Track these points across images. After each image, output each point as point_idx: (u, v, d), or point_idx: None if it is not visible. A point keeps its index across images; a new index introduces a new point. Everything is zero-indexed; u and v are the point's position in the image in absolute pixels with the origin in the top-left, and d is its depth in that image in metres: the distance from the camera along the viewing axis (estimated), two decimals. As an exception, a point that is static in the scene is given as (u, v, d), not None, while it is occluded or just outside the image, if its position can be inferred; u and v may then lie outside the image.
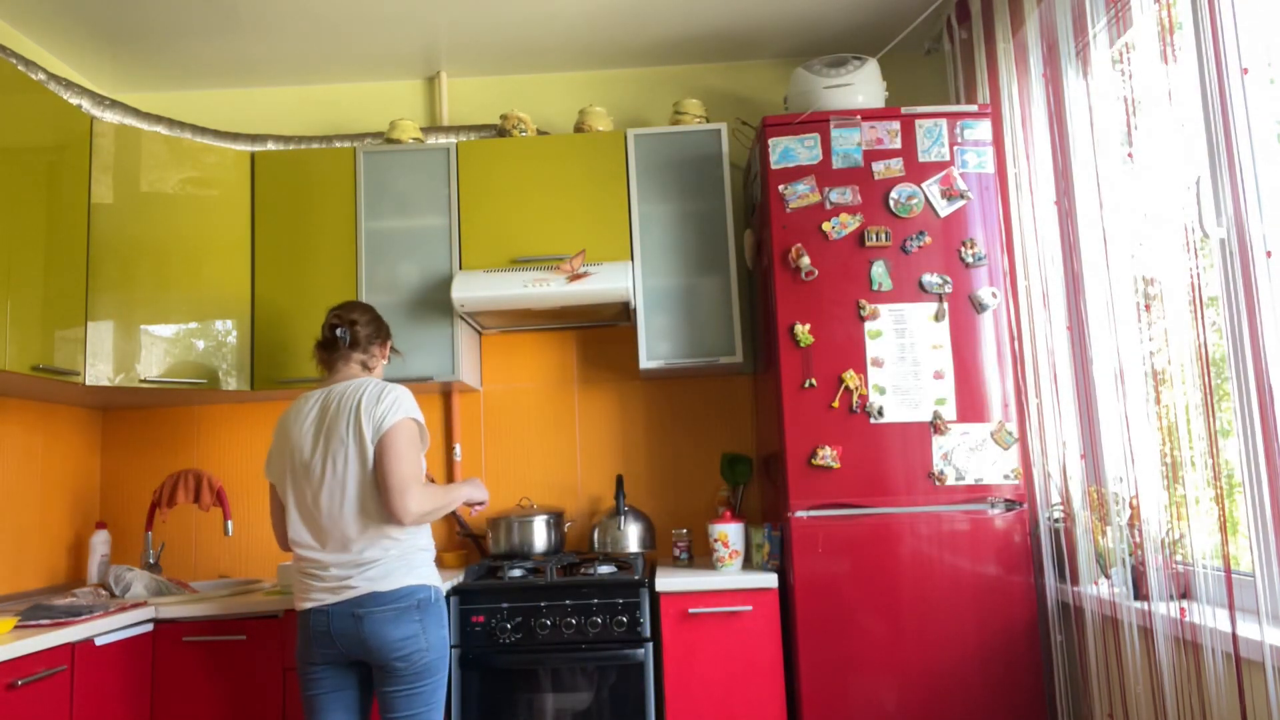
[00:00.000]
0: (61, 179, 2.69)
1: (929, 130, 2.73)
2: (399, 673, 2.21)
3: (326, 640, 2.23)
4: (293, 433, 2.32)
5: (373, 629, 2.19)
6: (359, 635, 2.20)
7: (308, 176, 3.16)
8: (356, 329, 2.40)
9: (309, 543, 2.26)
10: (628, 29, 3.30)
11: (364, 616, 2.19)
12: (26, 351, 2.48)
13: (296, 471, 2.29)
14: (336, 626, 2.21)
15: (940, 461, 2.60)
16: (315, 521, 2.25)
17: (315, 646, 2.24)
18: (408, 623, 2.21)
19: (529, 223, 3.11)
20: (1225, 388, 1.89)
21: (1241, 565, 1.95)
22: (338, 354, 2.39)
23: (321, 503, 2.24)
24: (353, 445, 2.24)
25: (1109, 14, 2.30)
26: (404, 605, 2.21)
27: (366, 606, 2.20)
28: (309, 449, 2.28)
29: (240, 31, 3.19)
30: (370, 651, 2.20)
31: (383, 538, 2.23)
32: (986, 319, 2.66)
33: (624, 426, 3.38)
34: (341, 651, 2.23)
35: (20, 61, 2.78)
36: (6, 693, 2.05)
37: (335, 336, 2.39)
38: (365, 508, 2.23)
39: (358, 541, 2.22)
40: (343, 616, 2.20)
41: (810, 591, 2.58)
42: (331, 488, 2.23)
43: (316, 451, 2.27)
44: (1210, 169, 1.89)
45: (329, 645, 2.23)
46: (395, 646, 2.20)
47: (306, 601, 2.25)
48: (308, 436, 2.29)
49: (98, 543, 3.10)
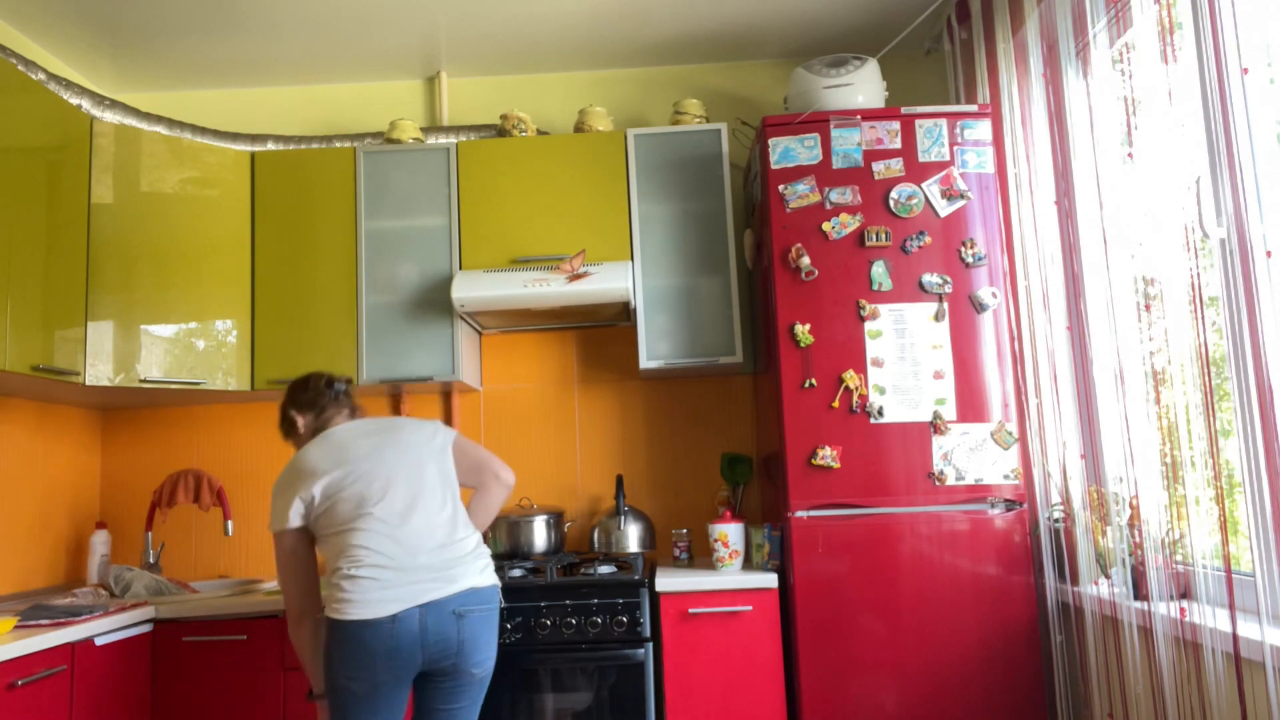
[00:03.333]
0: (61, 179, 2.69)
1: (929, 130, 2.73)
2: (473, 682, 2.10)
3: (410, 650, 2.00)
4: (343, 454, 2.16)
5: (473, 632, 2.05)
6: (456, 640, 2.03)
7: (308, 176, 3.16)
8: (350, 387, 2.43)
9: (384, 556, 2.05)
10: (628, 29, 3.30)
11: (465, 616, 2.04)
12: (26, 351, 2.48)
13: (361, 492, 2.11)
14: (433, 629, 2.00)
15: (940, 461, 2.60)
16: (393, 531, 2.08)
17: (393, 659, 1.99)
18: (494, 628, 2.12)
19: (529, 223, 3.11)
20: (1225, 388, 1.89)
21: (1241, 565, 1.96)
22: (336, 406, 2.36)
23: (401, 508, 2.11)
24: (431, 443, 2.22)
25: (1109, 14, 2.30)
26: (493, 606, 2.13)
27: (469, 605, 2.05)
28: (375, 464, 2.14)
29: (240, 31, 3.19)
30: (459, 658, 2.05)
31: (469, 526, 2.19)
32: (986, 319, 2.65)
33: (624, 426, 3.38)
34: (421, 662, 2.03)
35: (20, 61, 2.78)
36: (6, 693, 2.05)
37: (341, 389, 2.37)
38: (454, 502, 2.20)
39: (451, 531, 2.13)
40: (441, 617, 2.02)
41: (810, 591, 2.58)
42: (418, 489, 2.14)
43: (387, 463, 2.15)
44: (1210, 169, 1.89)
45: (411, 656, 2.00)
46: (485, 653, 2.09)
47: (381, 605, 2.00)
48: (370, 454, 2.16)
49: (98, 543, 3.10)
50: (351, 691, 2.00)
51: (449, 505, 2.19)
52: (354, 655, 1.99)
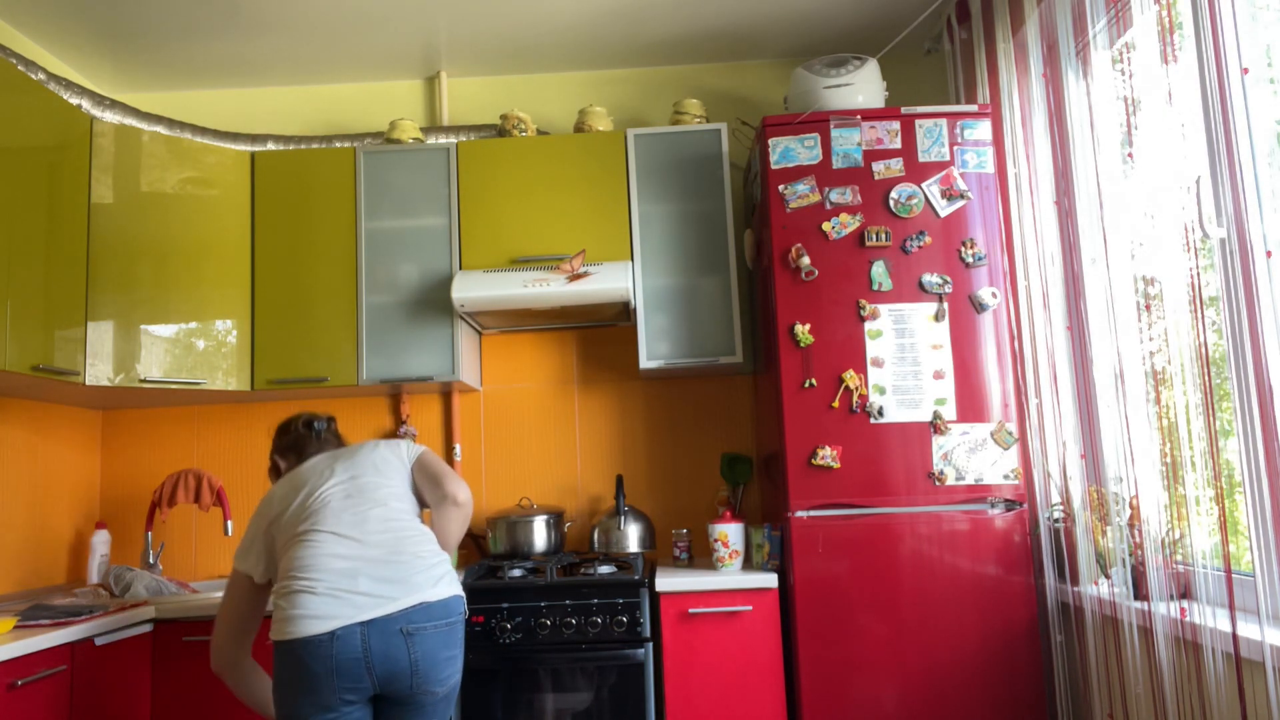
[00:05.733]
0: (61, 179, 2.69)
1: (929, 130, 2.73)
2: (436, 700, 1.98)
3: (355, 671, 1.87)
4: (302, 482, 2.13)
5: (427, 650, 1.92)
6: (408, 660, 1.90)
7: (308, 176, 3.16)
8: (333, 425, 2.44)
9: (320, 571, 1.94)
10: (628, 29, 3.30)
11: (416, 634, 1.91)
12: (26, 351, 2.48)
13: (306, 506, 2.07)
14: (378, 650, 1.87)
15: (940, 461, 2.60)
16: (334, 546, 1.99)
17: (339, 681, 1.86)
18: (455, 643, 1.99)
19: (529, 223, 3.11)
20: (1225, 388, 1.89)
21: (1241, 565, 1.96)
22: (318, 445, 2.36)
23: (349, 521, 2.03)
24: (390, 460, 2.19)
25: (1109, 14, 2.30)
26: (454, 620, 1.99)
27: (419, 621, 1.92)
28: (328, 481, 2.11)
29: (240, 31, 3.19)
30: (414, 679, 1.92)
31: (429, 540, 2.08)
32: (986, 319, 2.66)
33: (624, 426, 3.38)
34: (372, 685, 1.90)
35: (20, 61, 2.78)
36: (6, 693, 2.05)
37: (321, 428, 2.37)
38: (407, 516, 2.12)
39: (399, 543, 2.02)
40: (386, 636, 1.88)
41: (810, 591, 2.58)
42: (368, 504, 2.07)
43: (339, 480, 2.11)
44: (1210, 169, 1.89)
45: (357, 678, 1.87)
46: (447, 670, 1.97)
47: (318, 622, 1.87)
48: (324, 474, 2.13)
49: (98, 543, 3.10)
50: (302, 718, 1.89)
51: (403, 518, 2.09)
52: (298, 677, 1.87)
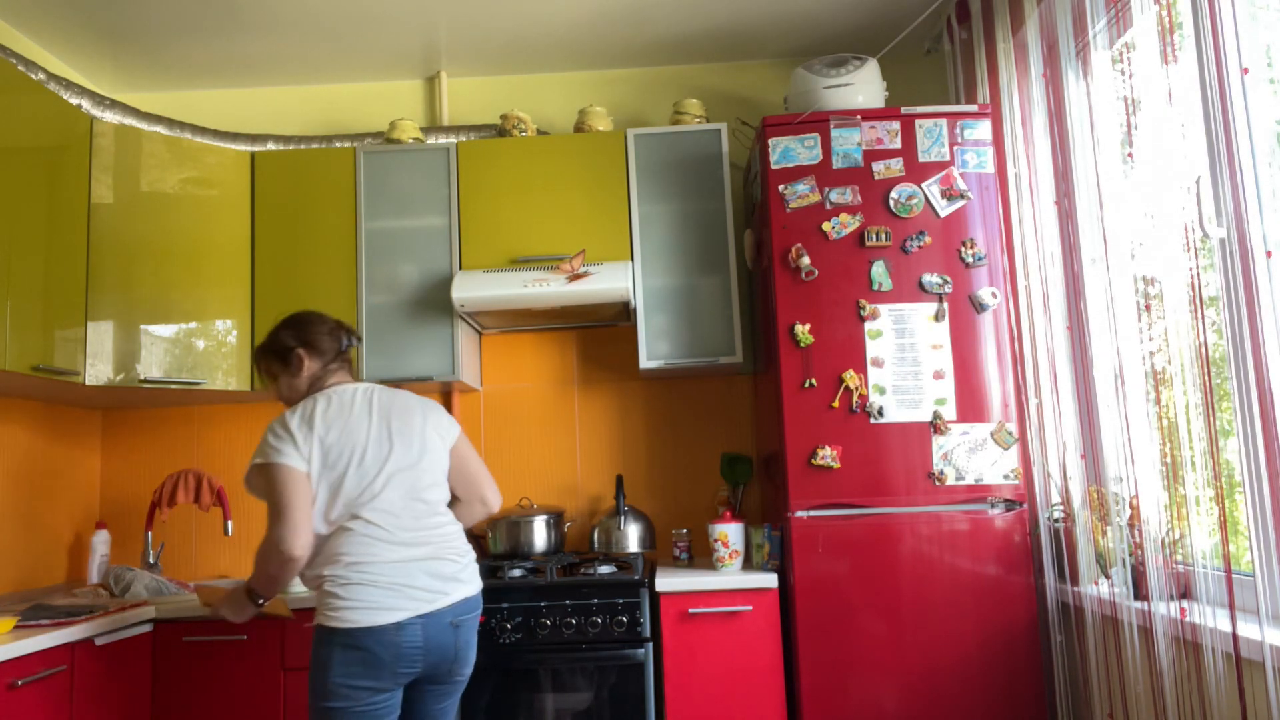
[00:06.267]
0: (61, 179, 2.69)
1: (929, 130, 2.73)
2: (460, 685, 2.14)
3: (413, 658, 1.98)
4: (347, 425, 2.07)
5: (466, 640, 2.07)
6: (454, 649, 2.04)
7: (308, 176, 3.16)
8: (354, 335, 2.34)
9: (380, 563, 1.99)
10: (628, 29, 3.30)
11: (460, 626, 2.05)
12: (26, 351, 2.48)
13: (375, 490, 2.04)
14: (434, 640, 1.99)
15: (940, 461, 2.60)
16: (390, 536, 2.02)
17: (400, 666, 1.96)
18: (477, 631, 2.16)
19: (529, 223, 3.11)
20: (1225, 388, 1.89)
21: (1241, 565, 1.96)
22: (338, 360, 2.26)
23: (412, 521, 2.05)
24: (436, 446, 2.15)
25: (1109, 14, 2.30)
26: (479, 611, 2.14)
27: (462, 614, 2.06)
28: (387, 459, 2.07)
29: (240, 31, 3.19)
30: (455, 664, 2.06)
31: (463, 534, 2.16)
32: (986, 319, 2.66)
33: (624, 426, 3.38)
34: (419, 670, 2.01)
35: (20, 61, 2.78)
36: (6, 693, 2.05)
37: (352, 344, 2.29)
38: (449, 514, 2.16)
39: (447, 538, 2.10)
40: (440, 628, 2.01)
41: (810, 591, 2.58)
42: (424, 509, 2.08)
43: (396, 465, 2.07)
44: (1210, 169, 1.89)
45: (413, 664, 1.99)
46: (473, 658, 2.13)
47: (384, 613, 1.95)
48: (382, 444, 2.08)
49: (98, 543, 3.10)
50: (353, 701, 1.94)
51: (447, 516, 2.15)
52: (359, 661, 1.93)
